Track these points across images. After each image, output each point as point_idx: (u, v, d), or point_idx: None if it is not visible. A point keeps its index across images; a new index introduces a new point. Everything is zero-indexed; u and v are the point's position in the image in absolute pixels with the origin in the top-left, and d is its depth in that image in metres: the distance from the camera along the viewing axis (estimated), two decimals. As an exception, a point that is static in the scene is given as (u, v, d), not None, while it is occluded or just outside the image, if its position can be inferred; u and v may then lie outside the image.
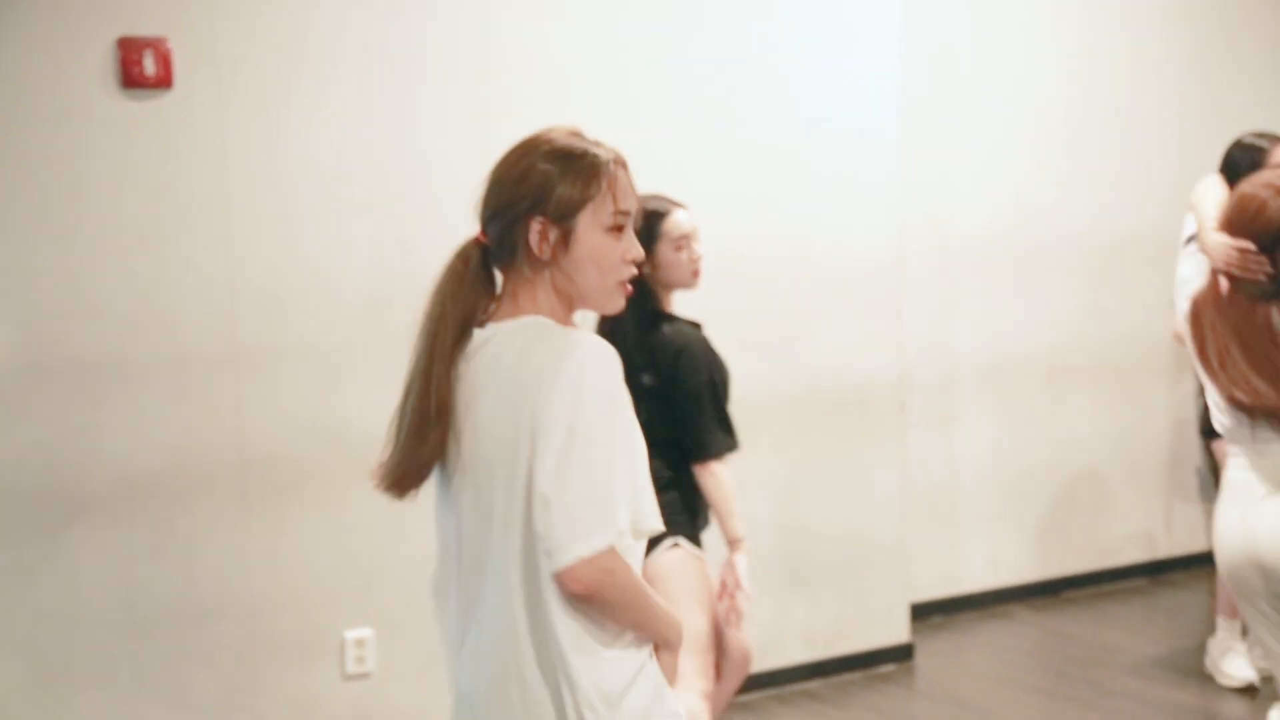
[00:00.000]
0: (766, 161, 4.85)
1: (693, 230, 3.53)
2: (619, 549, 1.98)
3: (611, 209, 2.09)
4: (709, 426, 3.49)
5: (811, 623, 5.06)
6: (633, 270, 2.14)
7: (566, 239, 2.07)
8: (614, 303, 2.15)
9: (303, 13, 4.06)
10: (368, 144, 4.16)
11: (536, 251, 2.08)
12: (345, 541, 4.17)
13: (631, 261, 2.13)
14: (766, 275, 4.87)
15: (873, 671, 5.15)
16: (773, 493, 4.94)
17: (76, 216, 3.81)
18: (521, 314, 2.09)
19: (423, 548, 2.26)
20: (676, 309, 3.59)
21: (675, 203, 3.56)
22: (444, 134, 4.25)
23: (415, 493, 2.15)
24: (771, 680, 4.94)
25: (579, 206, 2.07)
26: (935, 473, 5.73)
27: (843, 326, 5.04)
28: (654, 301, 3.52)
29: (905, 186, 5.24)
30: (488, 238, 2.13)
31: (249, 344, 4.03)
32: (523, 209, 2.07)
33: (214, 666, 4.03)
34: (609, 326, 3.33)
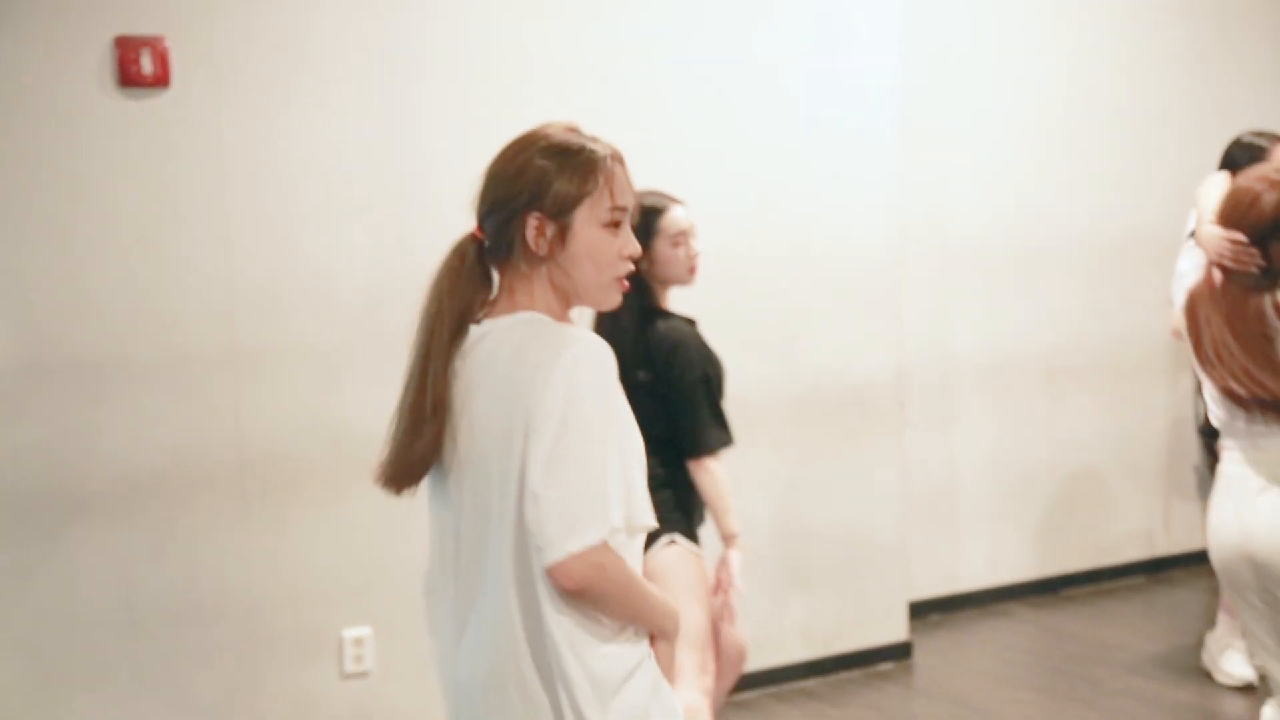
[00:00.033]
0: (766, 161, 4.85)
1: (690, 226, 3.53)
2: (613, 545, 1.97)
3: (608, 204, 2.08)
4: (704, 422, 3.49)
5: (810, 621, 5.06)
6: (630, 266, 2.13)
7: (563, 234, 2.06)
8: (611, 299, 2.15)
9: (302, 12, 4.06)
10: (367, 144, 4.16)
11: (533, 247, 2.07)
12: (345, 541, 4.17)
13: (629, 257, 2.12)
14: (766, 275, 4.87)
15: (871, 670, 5.16)
16: (772, 492, 4.94)
17: (75, 216, 3.82)
18: (518, 310, 2.09)
19: (421, 547, 2.26)
20: (674, 306, 3.59)
21: (672, 199, 3.56)
22: (444, 134, 4.25)
23: (413, 489, 2.14)
24: (770, 678, 4.94)
25: (576, 202, 2.06)
26: (935, 472, 5.73)
27: (842, 326, 5.05)
28: (650, 298, 3.52)
29: (905, 186, 5.24)
30: (484, 233, 2.12)
31: (248, 344, 4.03)
32: (519, 204, 2.06)
33: (214, 666, 4.03)
34: (607, 323, 3.33)
